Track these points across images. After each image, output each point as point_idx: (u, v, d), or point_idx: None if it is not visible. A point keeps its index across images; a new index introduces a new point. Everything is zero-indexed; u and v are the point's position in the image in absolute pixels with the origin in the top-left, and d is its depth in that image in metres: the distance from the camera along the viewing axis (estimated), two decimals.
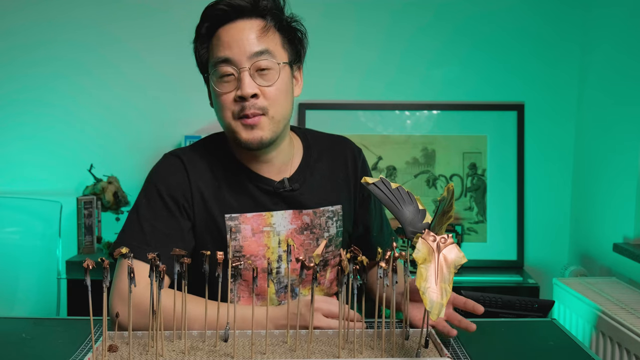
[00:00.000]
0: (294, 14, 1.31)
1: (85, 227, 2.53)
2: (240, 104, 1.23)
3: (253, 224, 1.31)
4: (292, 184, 1.33)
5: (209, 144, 1.37)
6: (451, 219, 1.08)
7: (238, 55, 1.22)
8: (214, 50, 1.25)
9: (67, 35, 2.67)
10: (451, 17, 2.68)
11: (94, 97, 2.71)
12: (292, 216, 1.33)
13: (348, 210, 1.40)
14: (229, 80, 1.24)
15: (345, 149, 1.44)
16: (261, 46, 1.23)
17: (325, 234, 1.36)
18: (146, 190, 1.30)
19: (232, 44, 1.23)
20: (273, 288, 1.34)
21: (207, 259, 1.04)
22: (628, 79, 2.27)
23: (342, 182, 1.40)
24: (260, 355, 1.04)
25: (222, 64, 1.23)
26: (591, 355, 1.18)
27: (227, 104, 1.24)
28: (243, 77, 1.22)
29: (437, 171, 2.70)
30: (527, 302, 1.74)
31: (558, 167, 2.73)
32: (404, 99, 2.71)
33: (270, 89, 1.24)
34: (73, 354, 1.11)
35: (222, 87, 1.24)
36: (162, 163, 1.33)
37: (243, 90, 1.22)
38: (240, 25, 1.24)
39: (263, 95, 1.24)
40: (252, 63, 1.22)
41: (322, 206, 1.36)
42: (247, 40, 1.23)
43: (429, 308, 0.94)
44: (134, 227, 1.26)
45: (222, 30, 1.25)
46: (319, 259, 1.03)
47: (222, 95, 1.25)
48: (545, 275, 2.71)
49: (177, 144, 2.70)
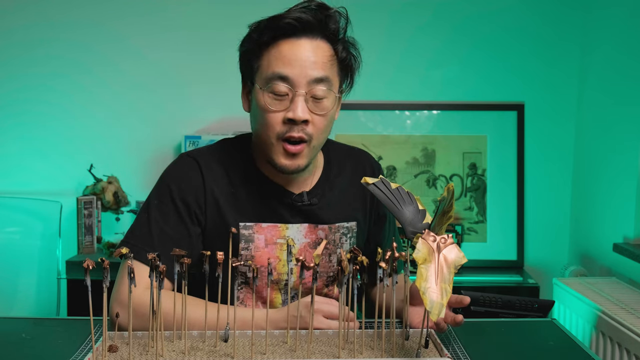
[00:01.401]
0: (354, 39, 1.28)
1: (85, 227, 2.53)
2: (289, 126, 1.20)
3: (267, 235, 1.29)
4: (310, 198, 1.31)
5: (230, 147, 1.34)
6: (451, 219, 1.08)
7: (298, 77, 1.18)
8: (271, 63, 1.20)
9: (66, 35, 2.67)
10: (451, 17, 2.68)
11: (94, 96, 2.70)
12: (307, 230, 1.32)
13: (362, 227, 1.38)
14: (282, 99, 1.20)
15: (364, 164, 1.41)
16: (322, 73, 1.20)
17: (339, 250, 1.34)
18: (159, 191, 1.28)
19: (294, 62, 1.18)
20: (280, 298, 1.33)
21: (207, 259, 1.04)
22: (628, 79, 2.27)
23: (359, 198, 1.37)
24: (260, 356, 1.04)
25: (278, 81, 1.19)
26: (591, 355, 1.18)
27: (273, 123, 1.20)
28: (297, 101, 1.18)
29: (437, 171, 2.70)
30: (527, 302, 1.74)
31: (558, 167, 2.73)
32: (404, 99, 2.71)
33: (321, 118, 1.22)
34: (73, 354, 1.11)
35: (273, 105, 1.20)
36: (178, 164, 1.31)
37: (295, 114, 1.18)
38: (305, 44, 1.20)
39: (312, 122, 1.21)
40: (310, 89, 1.19)
41: (338, 222, 1.34)
42: (309, 62, 1.19)
43: (429, 308, 0.94)
44: (143, 229, 1.25)
45: (285, 44, 1.20)
46: (319, 259, 1.03)
47: (271, 113, 1.20)
48: (545, 275, 2.71)
49: (177, 144, 2.70)
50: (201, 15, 2.66)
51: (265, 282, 1.30)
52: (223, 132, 2.67)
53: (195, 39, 2.67)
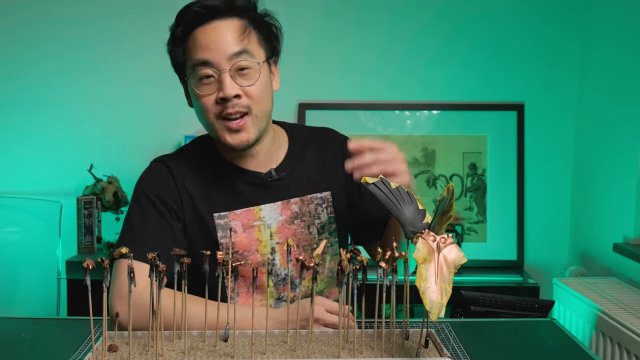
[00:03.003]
0: (267, 10, 1.32)
1: (85, 227, 2.53)
2: (223, 105, 1.24)
3: (243, 220, 1.32)
4: (279, 173, 1.35)
5: (195, 146, 1.40)
6: (451, 219, 1.08)
7: (217, 57, 1.23)
8: (191, 53, 1.26)
9: (66, 35, 2.67)
10: (451, 17, 2.68)
11: (94, 96, 2.70)
12: (282, 207, 1.35)
13: (339, 195, 1.40)
14: (209, 82, 1.25)
15: (330, 137, 1.46)
16: (239, 46, 1.24)
17: (317, 221, 1.37)
18: (136, 197, 1.33)
19: (210, 45, 1.23)
20: (271, 281, 1.34)
21: (207, 259, 1.04)
22: (628, 79, 2.27)
23: (330, 168, 1.41)
24: (260, 355, 1.04)
25: (201, 67, 1.24)
26: (591, 355, 1.18)
27: (208, 106, 1.26)
28: (224, 79, 1.23)
29: (437, 171, 2.70)
30: (527, 302, 1.74)
31: (558, 167, 2.73)
32: (404, 99, 2.71)
33: (252, 88, 1.25)
34: (73, 354, 1.11)
35: (203, 90, 1.25)
36: (148, 169, 1.36)
37: (225, 91, 1.23)
38: (217, 26, 1.24)
39: (245, 95, 1.25)
40: (232, 64, 1.23)
41: (309, 193, 1.37)
42: (225, 41, 1.23)
43: (429, 308, 0.94)
44: (127, 232, 1.29)
45: (199, 31, 1.25)
46: (319, 259, 1.03)
47: (203, 98, 1.26)
48: (545, 275, 2.71)
49: (177, 144, 2.70)
50: None
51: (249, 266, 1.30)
52: None
53: None
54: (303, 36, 2.64)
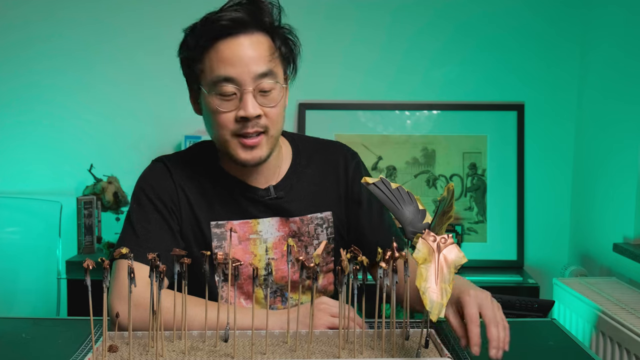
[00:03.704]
0: (290, 26, 1.29)
1: (85, 227, 2.53)
2: (242, 124, 1.21)
3: (240, 231, 1.30)
4: (277, 192, 1.32)
5: (197, 151, 1.37)
6: (451, 219, 1.08)
7: (242, 76, 1.19)
8: (213, 67, 1.20)
9: (66, 34, 2.67)
10: (451, 17, 2.68)
11: (94, 96, 2.70)
12: (279, 223, 1.32)
13: (340, 215, 1.37)
14: (230, 99, 1.20)
15: (336, 153, 1.40)
16: (266, 67, 1.20)
17: (315, 241, 1.34)
18: (136, 196, 1.31)
19: (235, 61, 1.18)
20: (261, 293, 1.33)
21: (207, 259, 1.04)
22: (628, 79, 2.27)
23: (332, 187, 1.37)
24: (260, 355, 1.04)
25: (223, 83, 1.19)
26: (591, 355, 1.18)
27: (226, 123, 1.21)
28: (247, 99, 1.19)
29: (437, 171, 2.70)
30: (527, 302, 1.74)
31: (558, 167, 2.73)
32: (404, 99, 2.71)
33: (272, 110, 1.22)
34: (73, 354, 1.11)
35: (223, 106, 1.21)
36: (148, 169, 1.35)
37: (247, 111, 1.19)
38: (243, 42, 1.20)
39: (264, 115, 1.22)
40: (257, 84, 1.19)
41: (309, 213, 1.34)
42: (251, 59, 1.19)
43: (429, 308, 0.94)
44: (128, 232, 1.28)
45: (223, 45, 1.20)
46: (319, 259, 1.03)
47: (222, 114, 1.21)
48: (545, 275, 2.71)
49: (177, 144, 2.70)
50: (201, 14, 2.65)
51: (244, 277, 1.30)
52: None
53: None
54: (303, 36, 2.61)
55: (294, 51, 1.29)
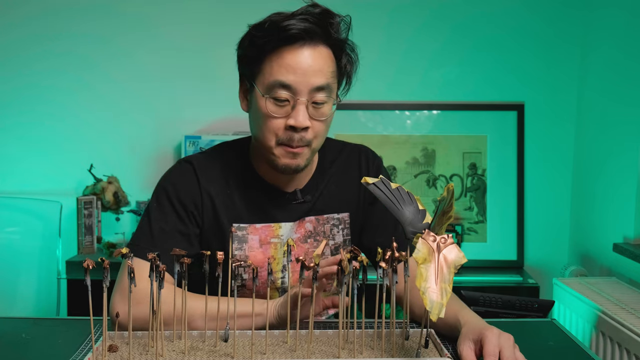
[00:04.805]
0: (353, 43, 1.28)
1: (85, 227, 2.53)
2: (289, 133, 1.20)
3: (261, 235, 1.30)
4: (304, 196, 1.32)
5: (226, 150, 1.35)
6: (451, 219, 1.08)
7: (299, 85, 1.18)
8: (273, 70, 1.19)
9: (66, 34, 2.67)
10: (451, 17, 2.68)
11: (94, 96, 2.70)
12: (297, 225, 1.33)
13: (357, 217, 1.38)
14: (283, 105, 1.20)
15: (358, 155, 1.41)
16: (324, 81, 1.20)
17: (331, 242, 1.35)
18: (157, 194, 1.30)
19: (297, 70, 1.18)
20: (276, 295, 1.33)
21: (207, 259, 1.04)
22: (628, 80, 2.27)
23: (351, 189, 1.37)
24: (260, 355, 1.04)
25: (279, 88, 1.19)
26: (591, 355, 1.18)
27: (275, 129, 1.21)
28: (299, 109, 1.19)
29: (437, 171, 2.70)
30: (527, 302, 1.74)
31: (558, 167, 2.73)
32: (404, 99, 2.71)
33: (320, 123, 1.22)
34: (73, 354, 1.11)
35: (274, 111, 1.20)
36: (174, 168, 1.33)
37: (297, 121, 1.19)
38: (307, 52, 1.19)
39: (311, 128, 1.21)
40: (312, 96, 1.20)
41: (326, 213, 1.34)
42: (312, 70, 1.19)
43: (429, 308, 0.94)
44: (144, 229, 1.27)
45: (287, 51, 1.19)
46: (319, 259, 1.03)
47: (272, 119, 1.20)
48: (545, 275, 2.71)
49: (177, 144, 2.70)
50: (202, 14, 2.66)
51: (263, 281, 1.30)
52: (223, 132, 2.67)
53: (195, 38, 2.67)
54: None
55: (352, 68, 1.29)
